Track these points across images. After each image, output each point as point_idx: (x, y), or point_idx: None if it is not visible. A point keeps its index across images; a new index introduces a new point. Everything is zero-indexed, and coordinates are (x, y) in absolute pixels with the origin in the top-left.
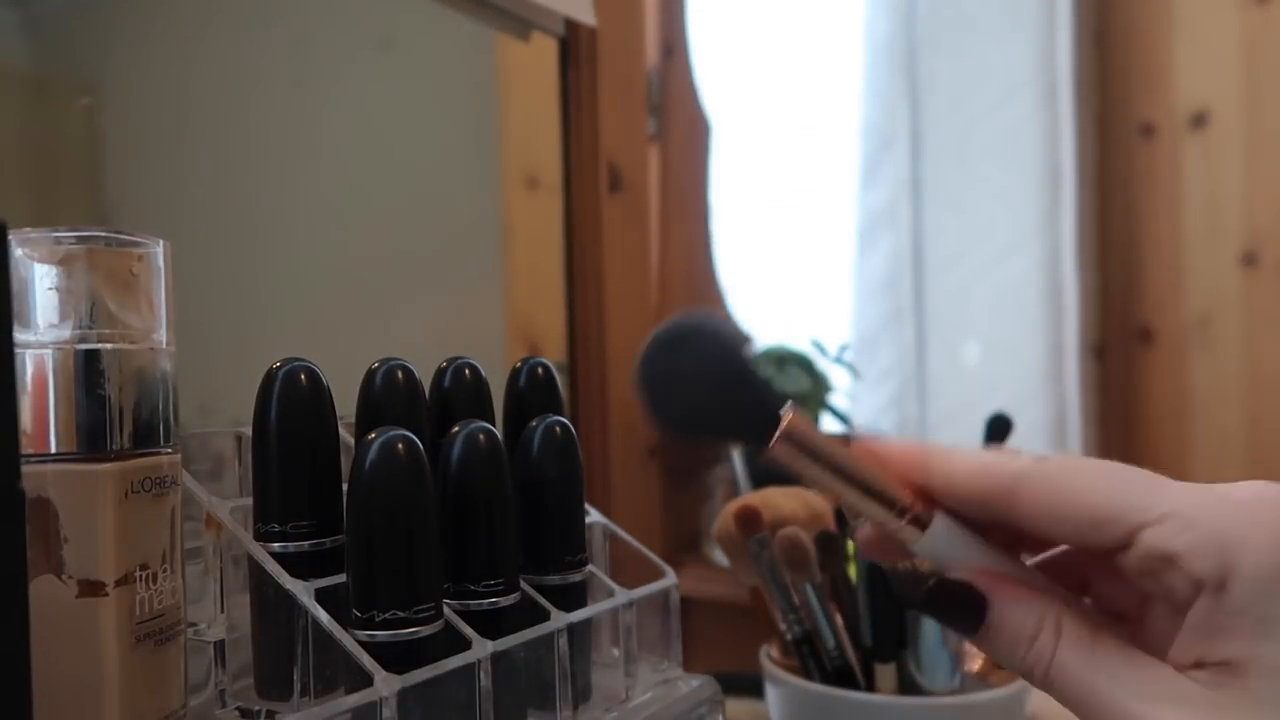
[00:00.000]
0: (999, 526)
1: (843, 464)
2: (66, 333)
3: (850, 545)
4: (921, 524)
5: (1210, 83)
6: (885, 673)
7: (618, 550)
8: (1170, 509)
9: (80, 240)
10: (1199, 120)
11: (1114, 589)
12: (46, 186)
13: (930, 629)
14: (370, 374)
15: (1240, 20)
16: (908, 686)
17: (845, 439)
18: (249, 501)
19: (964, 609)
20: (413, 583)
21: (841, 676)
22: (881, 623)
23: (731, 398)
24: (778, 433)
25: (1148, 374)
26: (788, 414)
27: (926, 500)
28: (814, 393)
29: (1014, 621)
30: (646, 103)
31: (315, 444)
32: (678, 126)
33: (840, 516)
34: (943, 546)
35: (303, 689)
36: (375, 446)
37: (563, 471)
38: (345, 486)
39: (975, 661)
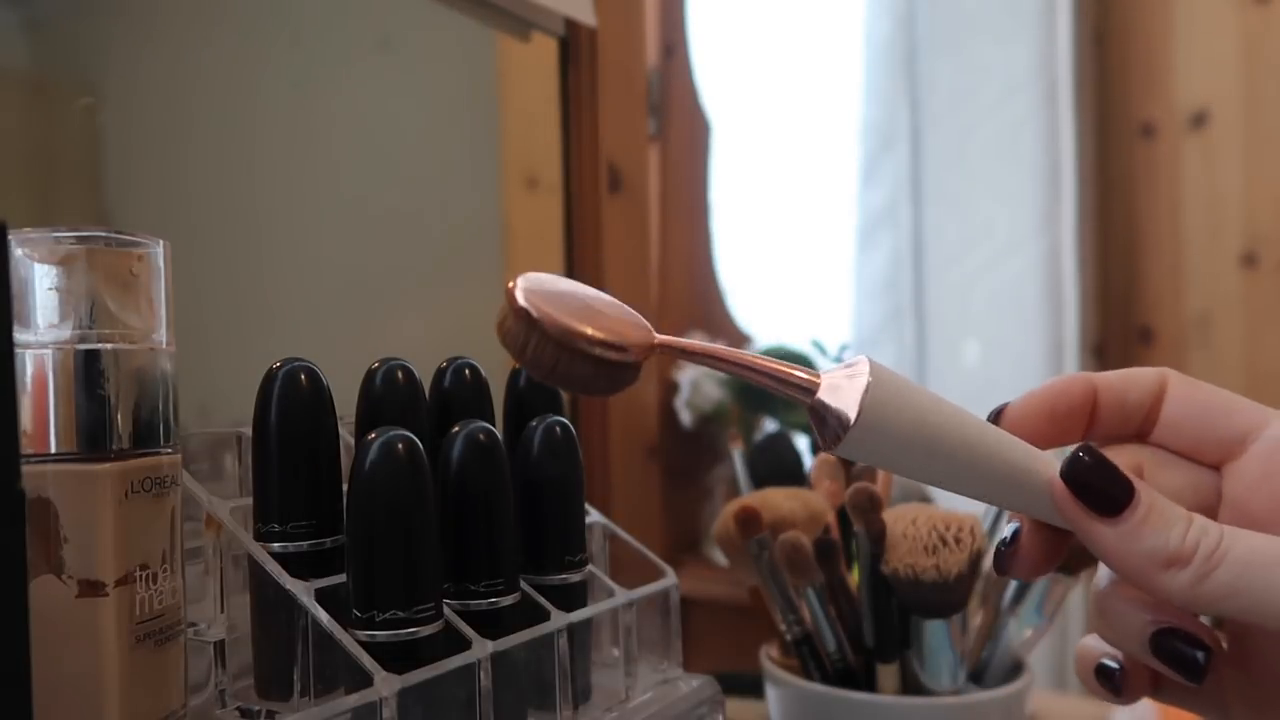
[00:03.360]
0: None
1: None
2: (66, 333)
3: (853, 547)
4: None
5: (1210, 83)
6: (888, 673)
7: (618, 550)
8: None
9: (80, 240)
10: (1199, 120)
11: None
12: (46, 186)
13: (935, 628)
14: (370, 374)
15: (1240, 20)
16: (911, 687)
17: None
18: (249, 501)
19: (1112, 483)
20: (412, 583)
21: (843, 678)
22: (883, 624)
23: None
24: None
25: None
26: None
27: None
28: None
29: (1167, 491)
30: (646, 103)
31: (315, 444)
32: (678, 126)
33: (843, 517)
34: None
35: (303, 689)
36: (375, 446)
37: (563, 471)
38: (345, 486)
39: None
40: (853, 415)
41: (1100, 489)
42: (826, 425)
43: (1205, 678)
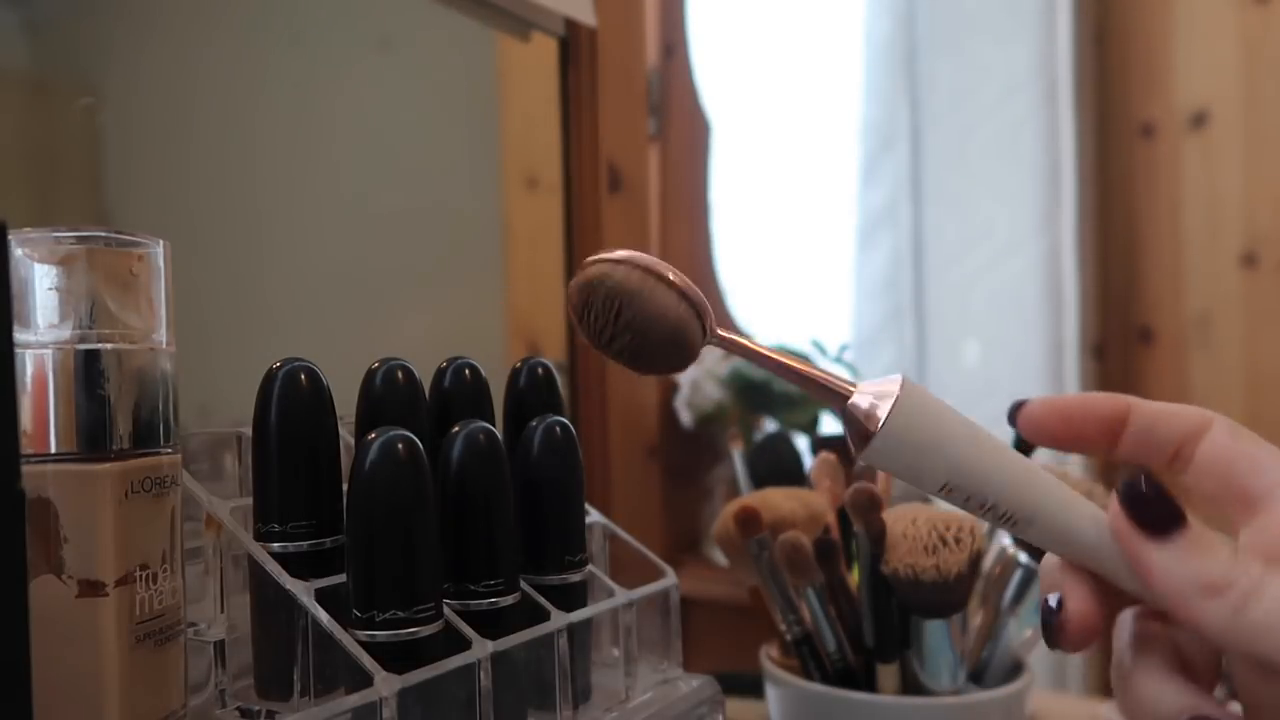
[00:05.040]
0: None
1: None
2: (66, 333)
3: (853, 547)
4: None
5: (1210, 83)
6: (888, 673)
7: (618, 550)
8: None
9: (80, 240)
10: (1199, 120)
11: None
12: (46, 186)
13: (935, 628)
14: (370, 374)
15: (1240, 20)
16: (911, 687)
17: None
18: (249, 501)
19: (1166, 505)
20: (412, 583)
21: (843, 678)
22: (883, 623)
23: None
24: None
25: (1148, 373)
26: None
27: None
28: None
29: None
30: (646, 103)
31: (315, 444)
32: (678, 126)
33: (844, 517)
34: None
35: (303, 689)
36: (375, 446)
37: (563, 471)
38: (345, 486)
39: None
40: (880, 420)
41: (1155, 509)
42: (854, 430)
43: None
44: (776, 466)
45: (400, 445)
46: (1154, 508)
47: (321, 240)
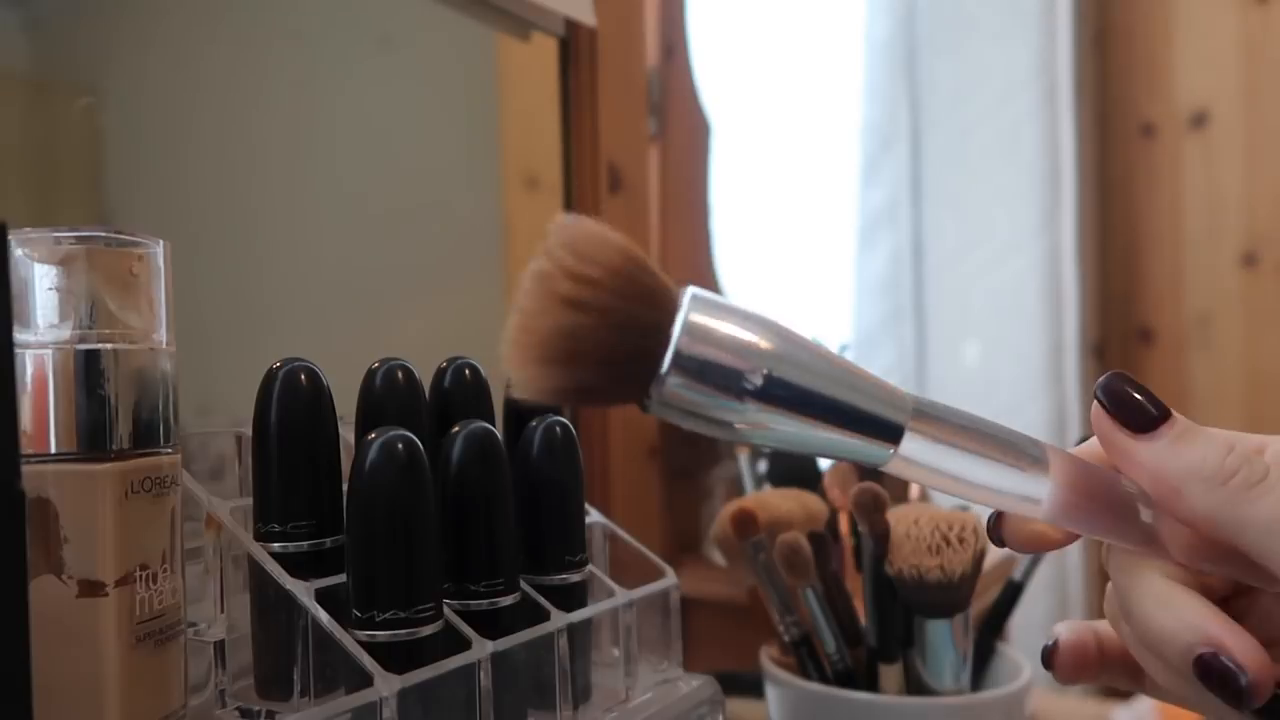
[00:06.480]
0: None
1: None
2: (66, 333)
3: (852, 543)
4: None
5: (1210, 83)
6: (890, 673)
7: (618, 550)
8: None
9: (80, 240)
10: (1199, 120)
11: None
12: (46, 186)
13: (937, 628)
14: (370, 374)
15: (1240, 20)
16: (914, 688)
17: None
18: (249, 501)
19: (1147, 398)
20: (412, 583)
21: (843, 678)
22: (886, 624)
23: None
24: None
25: (1148, 373)
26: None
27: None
28: None
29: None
30: (646, 103)
31: (315, 444)
32: (678, 126)
33: (856, 525)
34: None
35: (303, 689)
36: (375, 446)
37: (563, 471)
38: (345, 486)
39: None
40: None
41: (1136, 404)
42: None
43: (1248, 706)
44: (793, 469)
45: (400, 445)
46: (1135, 402)
47: (322, 240)
